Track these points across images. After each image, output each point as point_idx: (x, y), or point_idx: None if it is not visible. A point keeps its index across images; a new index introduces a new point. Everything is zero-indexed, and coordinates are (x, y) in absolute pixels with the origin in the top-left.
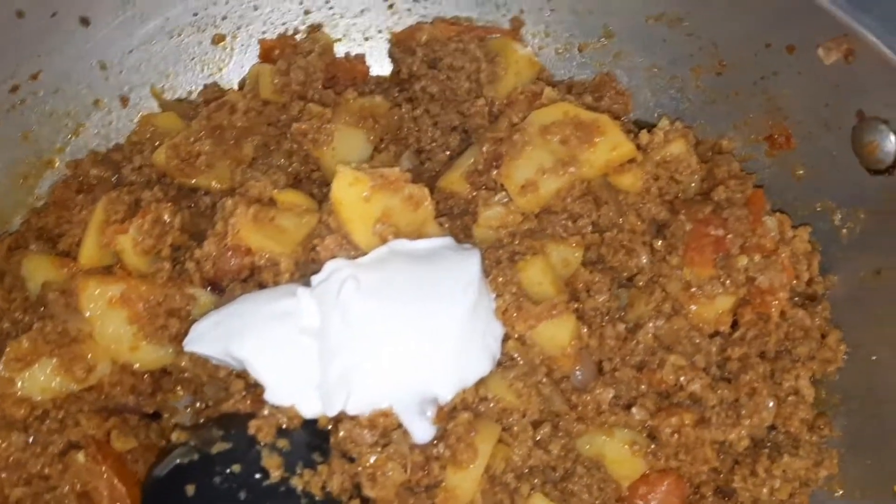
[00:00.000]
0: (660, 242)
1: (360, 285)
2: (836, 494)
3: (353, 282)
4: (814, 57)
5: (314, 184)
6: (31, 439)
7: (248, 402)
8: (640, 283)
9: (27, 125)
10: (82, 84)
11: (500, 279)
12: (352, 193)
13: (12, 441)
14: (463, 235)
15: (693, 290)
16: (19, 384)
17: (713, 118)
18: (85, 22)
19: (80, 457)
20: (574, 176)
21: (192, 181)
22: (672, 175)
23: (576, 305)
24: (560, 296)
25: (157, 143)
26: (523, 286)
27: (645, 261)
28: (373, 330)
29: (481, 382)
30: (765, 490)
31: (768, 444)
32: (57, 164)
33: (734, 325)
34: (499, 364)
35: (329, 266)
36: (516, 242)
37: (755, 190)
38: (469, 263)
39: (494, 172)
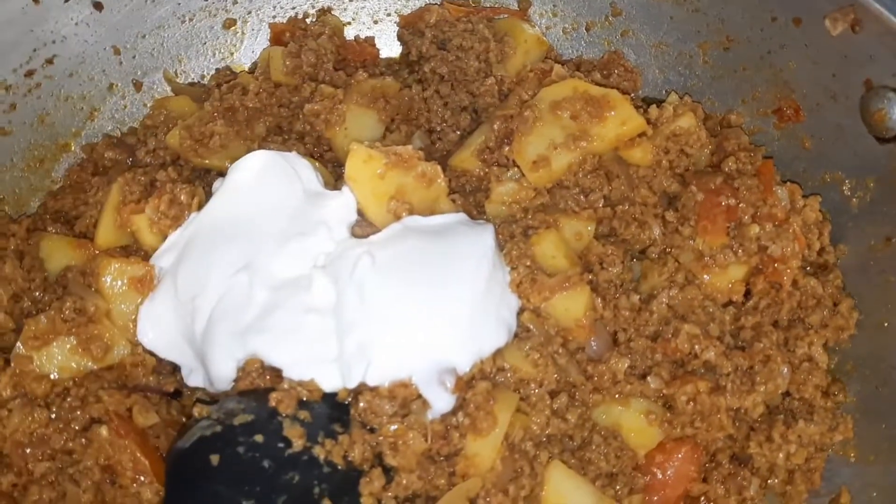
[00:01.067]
0: (671, 214)
1: (374, 261)
2: (851, 459)
3: (368, 258)
4: (820, 28)
5: (327, 164)
6: (53, 415)
7: (267, 378)
8: (653, 255)
9: (43, 109)
10: (97, 69)
11: (514, 252)
12: (366, 171)
13: (35, 417)
14: (476, 212)
15: (706, 259)
16: (38, 361)
17: (721, 93)
18: (98, 7)
19: (104, 431)
20: (585, 150)
21: (206, 161)
22: (682, 148)
23: (589, 277)
24: (573, 268)
25: (170, 126)
26: (537, 259)
27: (657, 233)
28: (389, 303)
29: (498, 353)
30: (781, 455)
31: (783, 411)
32: (73, 148)
33: (747, 294)
34: (515, 336)
35: (341, 244)
36: (529, 217)
37: (765, 160)
38: (483, 237)
39: (506, 149)
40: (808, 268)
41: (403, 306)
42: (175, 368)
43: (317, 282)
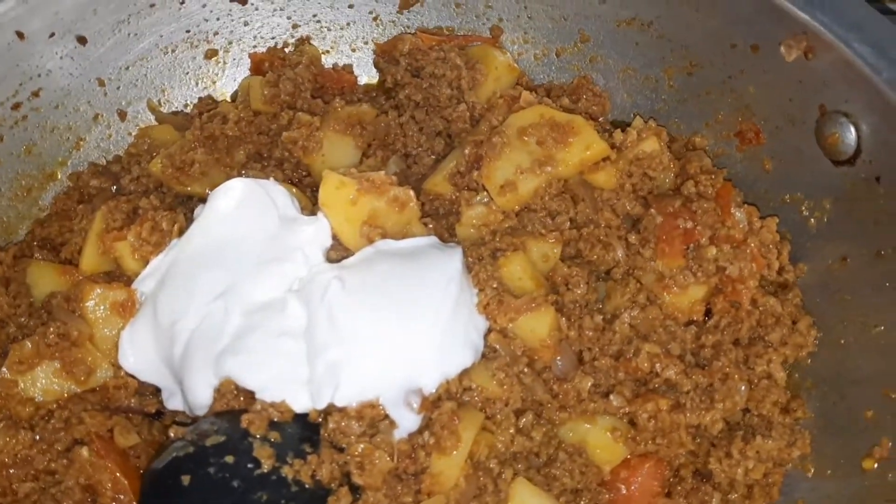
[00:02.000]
0: (634, 236)
1: (344, 285)
2: (809, 473)
3: (338, 282)
4: (776, 55)
5: (306, 190)
6: (37, 437)
7: (241, 399)
8: (617, 276)
9: (30, 140)
10: (82, 100)
11: (482, 275)
12: (339, 196)
13: (19, 439)
14: (448, 234)
15: (666, 280)
16: (22, 385)
17: (686, 116)
18: (82, 41)
19: (85, 452)
20: (551, 175)
21: (188, 188)
22: (645, 172)
23: (555, 298)
24: (539, 289)
25: (153, 154)
26: (504, 281)
27: (621, 254)
28: (358, 326)
29: (465, 373)
30: (739, 471)
31: (743, 427)
32: (59, 177)
33: (708, 313)
34: (482, 356)
35: (313, 269)
36: (497, 240)
37: (724, 183)
38: (451, 260)
39: (475, 173)
40: (768, 287)
41: (372, 329)
42: (157, 390)
43: (290, 305)
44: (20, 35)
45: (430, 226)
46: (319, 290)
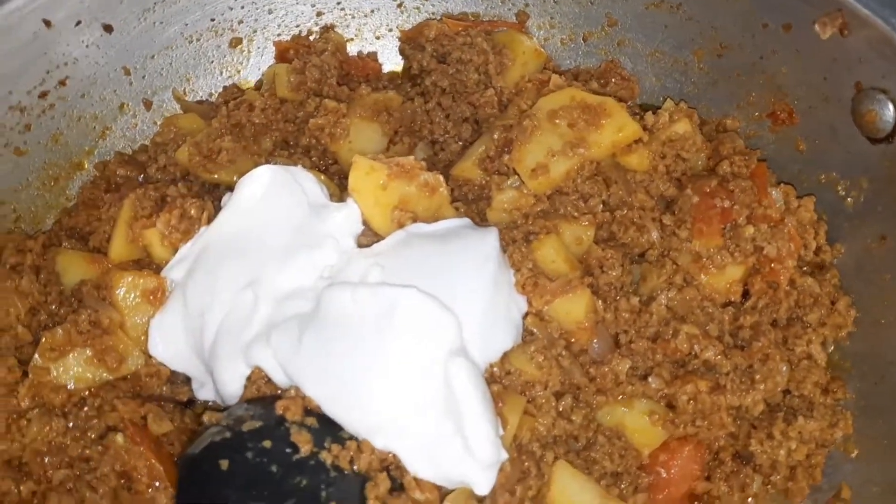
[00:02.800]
0: (669, 217)
1: (384, 271)
2: (852, 455)
3: (378, 269)
4: (810, 33)
5: (333, 177)
6: (70, 424)
7: (273, 386)
8: (652, 258)
9: (57, 129)
10: (108, 89)
11: (516, 257)
12: (369, 182)
13: (53, 426)
14: (478, 220)
15: (703, 261)
16: (55, 372)
17: (716, 99)
18: (108, 29)
19: (119, 438)
20: (583, 157)
21: (215, 176)
22: (678, 153)
23: (590, 281)
24: (574, 272)
25: (179, 143)
26: (538, 264)
27: (655, 236)
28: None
29: (504, 356)
30: (782, 452)
31: (783, 408)
32: (86, 166)
33: (745, 294)
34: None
35: (346, 255)
36: (530, 223)
37: (759, 163)
38: (486, 239)
39: (506, 157)
40: (806, 267)
41: None
42: (188, 378)
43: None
44: (47, 23)
45: (461, 211)
46: (357, 277)
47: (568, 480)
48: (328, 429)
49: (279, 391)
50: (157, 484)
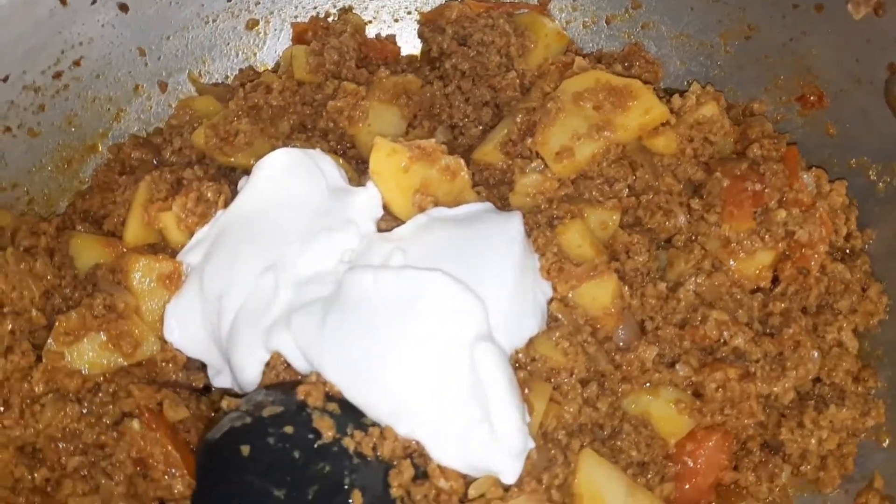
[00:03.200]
0: (696, 202)
1: (406, 255)
2: (884, 444)
3: (400, 253)
4: (843, 13)
5: (350, 161)
6: (85, 410)
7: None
8: (679, 244)
9: (71, 110)
10: (122, 70)
11: (540, 241)
12: (390, 164)
13: (67, 412)
14: (500, 204)
15: (732, 245)
16: (69, 357)
17: (743, 82)
18: (124, 9)
19: (135, 425)
20: (609, 140)
21: (231, 159)
22: (706, 136)
23: (616, 266)
24: (600, 257)
25: (195, 126)
26: (563, 248)
27: (682, 221)
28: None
29: (529, 343)
30: (813, 441)
31: (814, 397)
32: (100, 149)
33: (775, 280)
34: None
35: (367, 239)
36: (554, 207)
37: (790, 146)
38: (510, 223)
39: (529, 141)
40: (836, 253)
41: None
42: (205, 365)
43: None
44: (63, 1)
45: (483, 195)
46: (379, 262)
47: (594, 469)
48: (350, 415)
49: (299, 377)
50: (174, 471)
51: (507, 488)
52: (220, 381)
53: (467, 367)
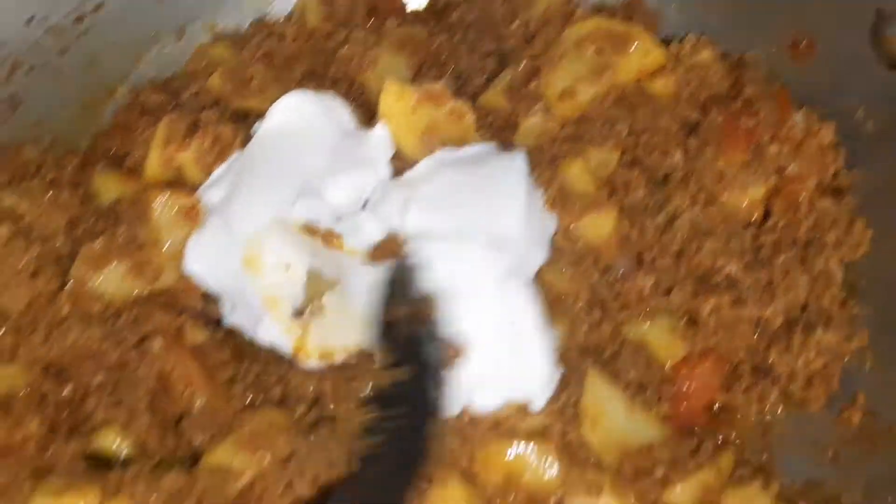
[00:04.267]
0: (692, 140)
1: (419, 201)
2: (867, 367)
3: (414, 200)
4: None
5: (359, 109)
6: (108, 332)
7: None
8: (675, 180)
9: (92, 54)
10: (141, 17)
11: (544, 177)
12: (399, 105)
13: (90, 334)
14: (504, 147)
15: (726, 180)
16: (93, 283)
17: (737, 32)
18: None
19: (157, 344)
20: (610, 82)
21: (246, 104)
22: (702, 80)
23: (615, 200)
24: (600, 192)
25: (211, 72)
26: (565, 184)
27: (679, 158)
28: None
29: (536, 273)
30: (800, 362)
31: (801, 322)
32: (119, 92)
33: (766, 216)
34: None
35: (382, 185)
36: (557, 146)
37: (781, 87)
38: (514, 161)
39: (533, 84)
40: (824, 190)
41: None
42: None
43: (366, 224)
44: None
45: (488, 137)
46: (396, 208)
47: (599, 388)
48: None
49: None
50: (194, 392)
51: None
52: (235, 317)
53: (494, 306)
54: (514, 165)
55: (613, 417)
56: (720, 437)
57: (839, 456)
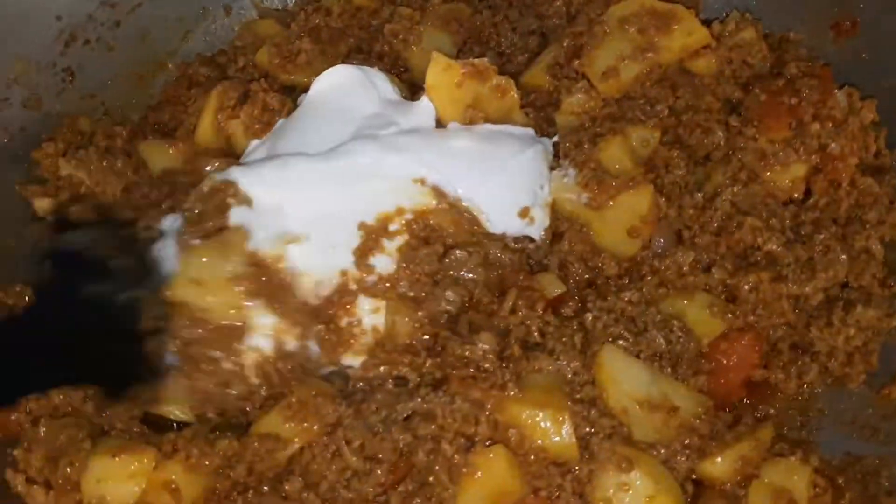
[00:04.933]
0: (734, 118)
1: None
2: None
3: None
4: None
5: (404, 85)
6: None
7: None
8: (716, 158)
9: (144, 28)
10: None
11: (581, 157)
12: (445, 79)
13: None
14: (546, 125)
15: (768, 158)
16: None
17: (780, 12)
18: None
19: None
20: (652, 61)
21: (293, 77)
22: (744, 59)
23: (654, 177)
24: (637, 169)
25: (258, 47)
26: (603, 163)
27: (720, 136)
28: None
29: None
30: (840, 338)
31: (842, 299)
32: (169, 66)
33: (807, 195)
34: None
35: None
36: (598, 125)
37: (823, 66)
38: (527, 136)
39: (576, 63)
40: (865, 169)
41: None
42: None
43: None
44: None
45: (530, 116)
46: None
47: (613, 360)
48: None
49: None
50: None
51: None
52: None
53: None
54: (527, 137)
55: (636, 386)
56: (759, 412)
57: (878, 431)
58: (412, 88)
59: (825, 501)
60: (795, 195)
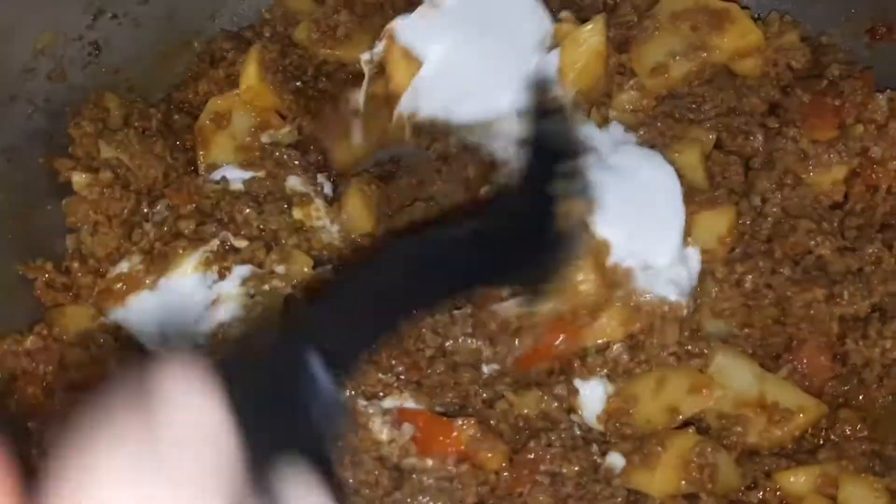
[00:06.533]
0: (772, 119)
1: None
2: None
3: None
4: None
5: None
6: None
7: None
8: (756, 165)
9: (173, 5)
10: None
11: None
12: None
13: None
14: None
15: (809, 159)
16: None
17: (815, 15)
18: None
19: None
20: (704, 61)
21: (336, 53)
22: (788, 62)
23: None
24: (707, 181)
25: (289, 21)
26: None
27: (760, 141)
28: None
29: None
30: (877, 350)
31: (877, 310)
32: (195, 45)
33: (844, 199)
34: None
35: None
36: (659, 124)
37: (864, 69)
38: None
39: (624, 57)
40: None
41: None
42: None
43: None
44: None
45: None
46: None
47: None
48: None
49: None
50: None
51: None
52: None
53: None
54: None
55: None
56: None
57: None
58: None
59: None
60: (836, 198)
